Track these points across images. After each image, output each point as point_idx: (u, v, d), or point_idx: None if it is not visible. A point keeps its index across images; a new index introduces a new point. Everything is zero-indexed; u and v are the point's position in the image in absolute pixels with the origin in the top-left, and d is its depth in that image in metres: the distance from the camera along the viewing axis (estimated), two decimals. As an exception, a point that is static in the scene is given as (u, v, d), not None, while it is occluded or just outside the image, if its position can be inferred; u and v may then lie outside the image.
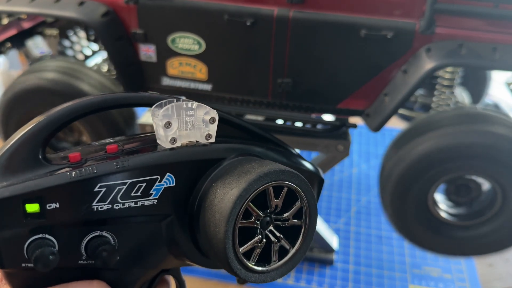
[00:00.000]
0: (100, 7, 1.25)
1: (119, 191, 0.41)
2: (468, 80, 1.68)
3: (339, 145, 1.29)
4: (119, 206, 0.41)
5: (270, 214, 0.44)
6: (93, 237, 0.41)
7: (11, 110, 1.35)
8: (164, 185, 0.43)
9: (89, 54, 1.75)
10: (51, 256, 0.38)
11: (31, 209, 0.38)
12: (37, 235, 0.39)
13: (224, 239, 0.40)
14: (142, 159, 0.42)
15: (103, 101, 0.44)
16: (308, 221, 0.45)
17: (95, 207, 0.40)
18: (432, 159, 1.15)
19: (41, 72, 1.31)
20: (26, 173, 0.39)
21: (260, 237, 0.43)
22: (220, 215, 0.41)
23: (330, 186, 1.83)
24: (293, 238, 0.45)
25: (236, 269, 0.42)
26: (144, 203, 0.42)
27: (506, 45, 1.11)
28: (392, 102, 1.18)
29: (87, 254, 0.41)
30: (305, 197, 0.44)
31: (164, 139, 0.43)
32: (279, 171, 0.42)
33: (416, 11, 1.13)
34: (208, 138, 0.46)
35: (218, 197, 0.42)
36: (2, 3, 1.30)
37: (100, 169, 0.40)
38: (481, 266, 1.51)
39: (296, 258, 0.45)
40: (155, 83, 1.32)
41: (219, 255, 0.42)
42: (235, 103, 1.31)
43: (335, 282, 1.42)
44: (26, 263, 0.39)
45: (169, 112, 0.43)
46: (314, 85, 1.24)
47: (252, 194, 0.41)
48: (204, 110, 0.45)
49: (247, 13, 1.17)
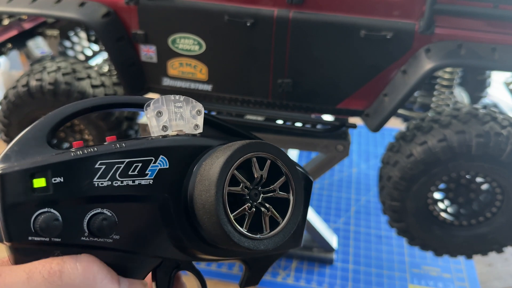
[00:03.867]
0: (100, 8, 1.25)
1: (117, 169, 0.45)
2: (467, 80, 1.69)
3: (338, 145, 1.29)
4: (118, 183, 0.45)
5: (257, 186, 0.48)
6: (95, 214, 0.44)
7: (13, 111, 1.35)
8: (159, 166, 0.47)
9: (89, 55, 1.76)
10: (55, 222, 0.42)
11: (38, 184, 0.42)
12: (43, 209, 0.42)
13: (215, 201, 0.44)
14: (136, 142, 0.47)
15: (101, 101, 0.51)
16: (295, 194, 0.49)
17: (96, 183, 0.44)
18: (432, 159, 1.15)
19: (44, 73, 1.31)
20: (35, 156, 0.44)
21: (249, 205, 0.47)
22: (209, 181, 0.45)
23: (330, 186, 1.83)
24: (283, 212, 0.49)
25: (229, 231, 0.44)
26: (141, 182, 0.46)
27: (505, 45, 1.11)
28: (391, 102, 1.18)
29: (89, 230, 0.44)
30: (288, 169, 0.48)
31: (156, 128, 0.49)
32: (262, 143, 0.47)
33: (416, 12, 1.14)
34: (196, 129, 0.51)
35: (207, 168, 0.46)
36: (2, 4, 1.30)
37: (99, 149, 0.45)
38: (480, 266, 1.51)
39: (287, 230, 0.48)
40: (155, 84, 1.33)
41: (212, 220, 0.44)
42: (235, 103, 1.32)
43: (335, 282, 1.42)
44: (33, 237, 0.42)
45: (160, 103, 0.49)
46: (314, 86, 1.25)
47: (237, 161, 0.46)
48: (191, 103, 0.51)
49: (247, 13, 1.18)
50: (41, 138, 0.46)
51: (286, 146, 1.39)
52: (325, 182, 1.85)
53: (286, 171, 0.48)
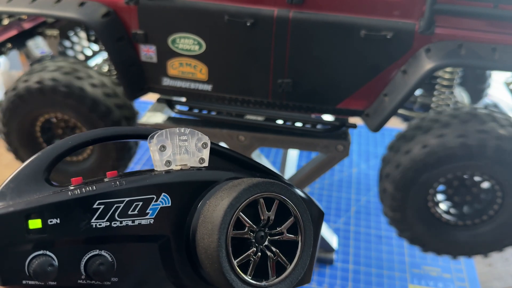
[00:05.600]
0: (100, 7, 1.25)
1: (116, 209, 0.43)
2: (467, 80, 1.69)
3: (338, 145, 1.29)
4: (117, 224, 0.43)
5: (264, 228, 0.45)
6: (92, 256, 0.43)
7: (12, 111, 1.35)
8: (160, 205, 0.45)
9: (89, 55, 1.75)
10: (50, 268, 0.40)
11: (34, 225, 0.40)
12: (38, 251, 0.41)
13: (217, 247, 0.41)
14: (138, 179, 0.45)
15: (102, 133, 0.49)
16: (304, 236, 0.46)
17: (94, 224, 0.42)
18: (432, 160, 1.15)
19: (44, 72, 1.31)
20: (31, 194, 0.42)
21: (254, 250, 0.44)
22: (212, 225, 0.42)
23: (330, 186, 1.83)
24: (291, 255, 0.46)
25: (232, 280, 0.42)
26: (141, 222, 0.44)
27: (505, 45, 1.11)
28: (391, 102, 1.18)
29: (86, 273, 0.42)
30: (297, 210, 0.45)
31: (159, 163, 0.47)
32: (269, 183, 0.44)
33: (416, 12, 1.14)
34: (202, 162, 0.49)
35: (211, 209, 0.44)
36: (2, 4, 1.30)
37: (98, 187, 0.43)
38: (480, 266, 1.51)
39: (295, 275, 0.45)
40: (155, 84, 1.33)
41: (214, 267, 0.42)
42: (235, 103, 1.31)
43: (335, 282, 1.42)
44: (27, 280, 0.40)
45: (163, 137, 0.47)
46: (314, 86, 1.25)
47: (242, 203, 0.43)
48: (197, 136, 0.49)
49: (247, 13, 1.17)
50: (38, 174, 0.44)
51: (286, 146, 1.39)
52: (325, 182, 1.85)
53: (295, 212, 0.46)
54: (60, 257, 0.41)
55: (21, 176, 0.43)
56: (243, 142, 1.33)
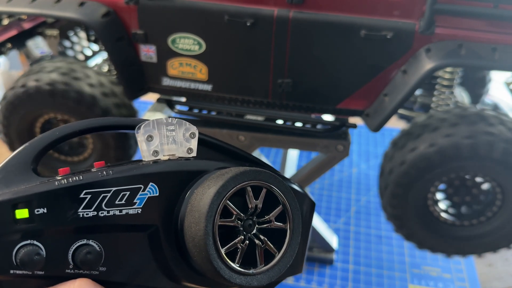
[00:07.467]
0: (100, 7, 1.25)
1: (103, 198, 0.43)
2: (467, 80, 1.69)
3: (338, 145, 1.29)
4: (104, 213, 0.43)
5: (252, 216, 0.45)
6: (80, 246, 0.43)
7: (12, 111, 1.35)
8: (148, 195, 0.44)
9: (89, 55, 1.75)
10: (37, 257, 0.40)
11: (21, 215, 0.40)
12: (26, 241, 0.41)
13: (204, 235, 0.41)
14: (125, 169, 0.44)
15: (89, 124, 0.49)
16: (292, 224, 0.46)
17: (81, 213, 0.42)
18: (432, 160, 1.15)
19: (42, 73, 1.31)
20: (19, 185, 0.42)
21: (242, 237, 0.44)
22: (199, 213, 0.42)
23: (330, 186, 1.83)
24: (280, 243, 0.46)
25: (219, 268, 0.42)
26: (129, 211, 0.44)
27: (505, 45, 1.11)
28: (392, 102, 1.18)
29: (74, 262, 0.42)
30: (285, 198, 0.45)
31: (146, 153, 0.47)
32: (256, 171, 0.44)
33: (416, 12, 1.13)
34: (190, 152, 0.48)
35: (198, 198, 0.44)
36: (2, 4, 1.30)
37: (85, 177, 0.43)
38: (480, 266, 1.51)
39: (283, 263, 0.45)
40: (155, 84, 1.33)
41: (201, 255, 0.42)
42: (235, 103, 1.31)
43: (335, 282, 1.42)
44: (15, 270, 0.40)
45: (150, 127, 0.47)
46: (314, 85, 1.24)
47: (229, 191, 0.43)
48: (184, 126, 0.48)
49: (247, 13, 1.17)
50: (26, 165, 0.44)
51: (286, 146, 1.39)
52: (325, 182, 1.85)
53: (283, 200, 0.45)
54: (47, 246, 0.41)
55: (9, 167, 0.43)
56: (243, 142, 1.33)
